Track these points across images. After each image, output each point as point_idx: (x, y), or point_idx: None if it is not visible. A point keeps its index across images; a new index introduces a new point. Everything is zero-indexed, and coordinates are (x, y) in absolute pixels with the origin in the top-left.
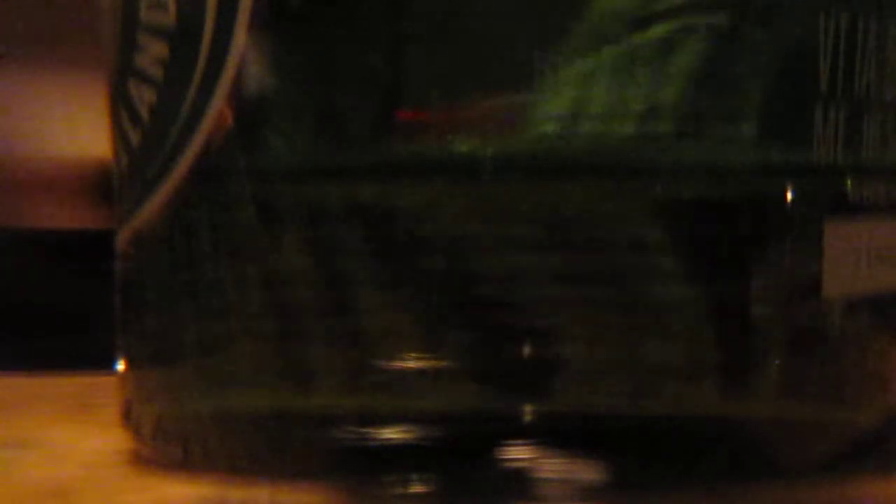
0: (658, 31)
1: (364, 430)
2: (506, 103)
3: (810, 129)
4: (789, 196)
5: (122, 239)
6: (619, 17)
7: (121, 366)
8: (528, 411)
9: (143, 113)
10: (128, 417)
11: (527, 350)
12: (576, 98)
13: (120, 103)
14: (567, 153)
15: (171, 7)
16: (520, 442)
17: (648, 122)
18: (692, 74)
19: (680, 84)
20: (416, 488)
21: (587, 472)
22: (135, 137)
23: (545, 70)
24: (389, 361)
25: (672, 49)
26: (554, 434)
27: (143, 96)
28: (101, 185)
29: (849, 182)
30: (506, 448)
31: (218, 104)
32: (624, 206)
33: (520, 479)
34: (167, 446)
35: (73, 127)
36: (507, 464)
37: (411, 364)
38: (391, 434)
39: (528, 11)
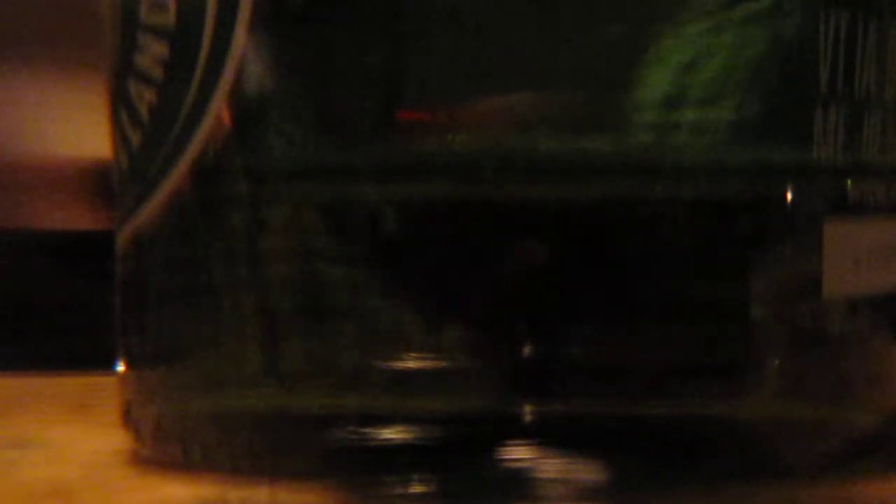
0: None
1: (364, 430)
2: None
3: (810, 129)
4: (789, 196)
5: (122, 239)
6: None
7: (121, 366)
8: (528, 411)
9: (143, 113)
10: (128, 417)
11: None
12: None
13: (120, 103)
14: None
15: (171, 7)
16: (520, 442)
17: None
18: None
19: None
20: (416, 488)
21: (587, 472)
22: (135, 137)
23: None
24: (390, 361)
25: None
26: (554, 434)
27: (143, 96)
28: (100, 186)
29: (849, 182)
30: (506, 448)
31: (218, 104)
32: (623, 206)
33: (520, 479)
34: (167, 446)
35: (72, 127)
36: (507, 464)
37: (411, 364)
38: (391, 434)
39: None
